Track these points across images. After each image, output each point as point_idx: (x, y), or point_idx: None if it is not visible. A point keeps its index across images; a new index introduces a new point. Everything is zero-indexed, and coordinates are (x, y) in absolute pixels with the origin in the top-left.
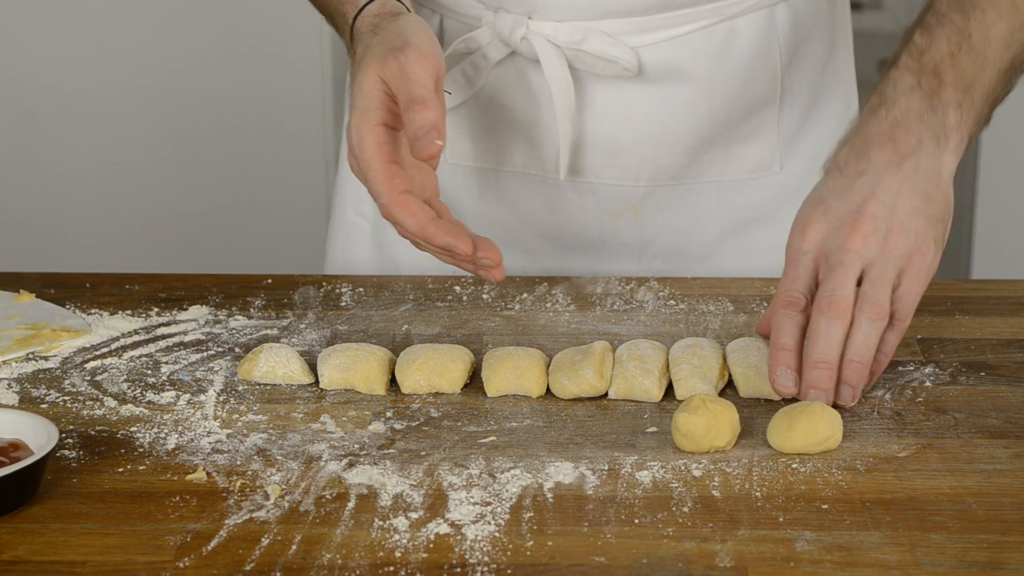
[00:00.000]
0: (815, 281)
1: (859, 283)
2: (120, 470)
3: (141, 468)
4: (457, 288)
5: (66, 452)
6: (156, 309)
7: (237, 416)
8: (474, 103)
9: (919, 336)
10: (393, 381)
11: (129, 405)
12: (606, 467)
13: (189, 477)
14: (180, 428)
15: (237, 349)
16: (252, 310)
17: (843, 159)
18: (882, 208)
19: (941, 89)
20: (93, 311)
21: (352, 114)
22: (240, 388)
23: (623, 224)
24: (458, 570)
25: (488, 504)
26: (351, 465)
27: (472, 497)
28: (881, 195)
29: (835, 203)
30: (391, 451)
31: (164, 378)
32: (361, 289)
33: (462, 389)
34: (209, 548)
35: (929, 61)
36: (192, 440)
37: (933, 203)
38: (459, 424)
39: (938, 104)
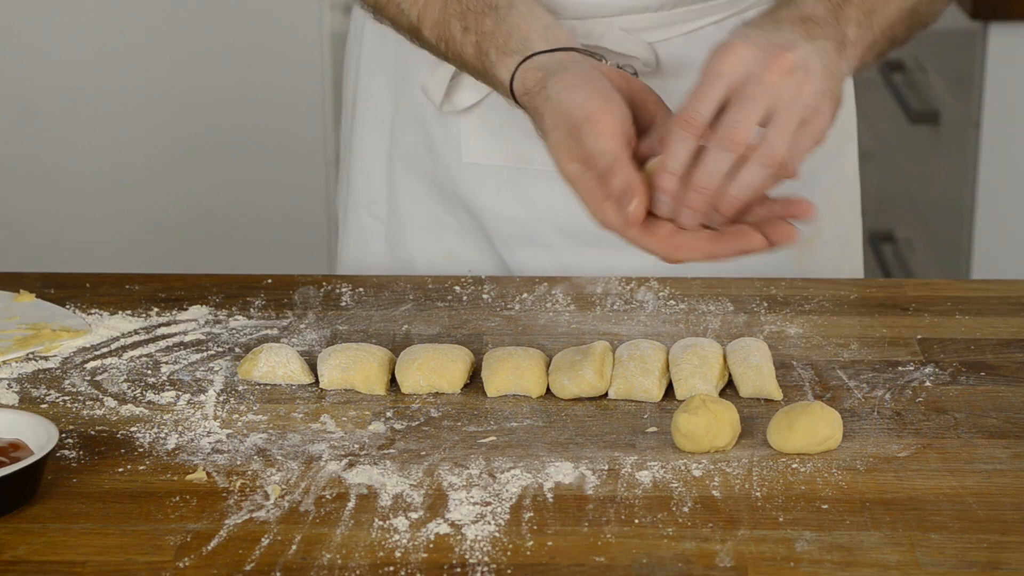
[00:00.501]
0: (720, 108)
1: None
2: (120, 470)
3: (141, 468)
4: (457, 288)
5: (66, 452)
6: (156, 309)
7: (237, 416)
8: (491, 102)
9: (919, 336)
10: (393, 381)
11: (129, 405)
12: (606, 467)
13: (189, 477)
14: (180, 428)
15: (237, 349)
16: (252, 310)
17: (755, 27)
18: (801, 57)
19: (846, 5)
20: (93, 311)
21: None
22: (240, 388)
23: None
24: (458, 570)
25: (488, 504)
26: (351, 465)
27: (472, 497)
28: (799, 50)
29: (760, 39)
30: (391, 451)
31: (164, 378)
32: (361, 289)
33: (462, 389)
34: (209, 548)
35: None
36: (192, 440)
37: (836, 82)
38: (459, 424)
39: (841, 17)
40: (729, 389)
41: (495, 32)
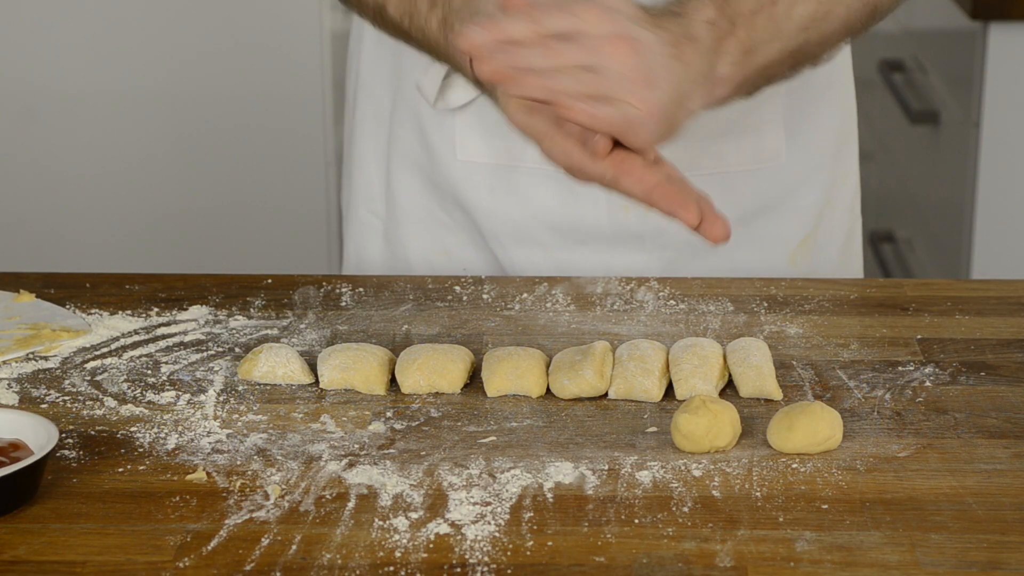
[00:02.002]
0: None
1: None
2: (120, 470)
3: (141, 468)
4: (457, 288)
5: (66, 452)
6: (156, 309)
7: (237, 416)
8: (484, 101)
9: (919, 336)
10: (393, 381)
11: (129, 405)
12: (606, 467)
13: (189, 477)
14: (180, 428)
15: (237, 349)
16: (252, 310)
17: (640, 12)
18: (648, 58)
19: (728, 39)
20: (93, 311)
21: None
22: (240, 388)
23: (634, 216)
24: (458, 570)
25: (488, 504)
26: (351, 465)
27: (472, 497)
28: (661, 70)
29: (626, 23)
30: (391, 451)
31: (164, 378)
32: (361, 289)
33: (462, 389)
34: (209, 548)
35: (732, 7)
36: (192, 440)
37: (679, 111)
38: (459, 424)
39: (719, 50)
40: (729, 389)
41: (463, 8)
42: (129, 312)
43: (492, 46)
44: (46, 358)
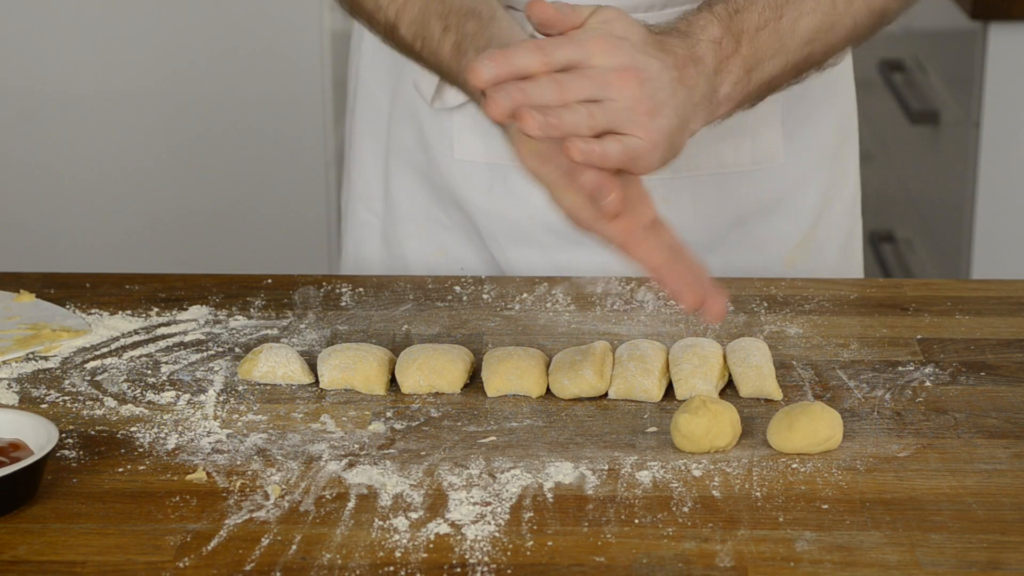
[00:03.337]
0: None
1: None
2: (120, 470)
3: (141, 468)
4: (457, 288)
5: (66, 452)
6: (156, 309)
7: (237, 416)
8: None
9: (919, 336)
10: (393, 381)
11: (129, 405)
12: (606, 467)
13: (189, 477)
14: (180, 428)
15: (237, 349)
16: (252, 310)
17: (648, 36)
18: (659, 98)
19: (733, 56)
20: (93, 311)
21: None
22: (240, 388)
23: None
24: (458, 570)
25: (488, 504)
26: (351, 465)
27: (472, 497)
28: (662, 95)
29: (633, 52)
30: (391, 451)
31: (164, 378)
32: (361, 289)
33: (462, 389)
34: (209, 548)
35: (738, 24)
36: (192, 440)
37: (678, 135)
38: (459, 424)
39: (722, 70)
40: (729, 389)
41: (477, 35)
42: (129, 312)
43: (502, 83)
44: (46, 358)
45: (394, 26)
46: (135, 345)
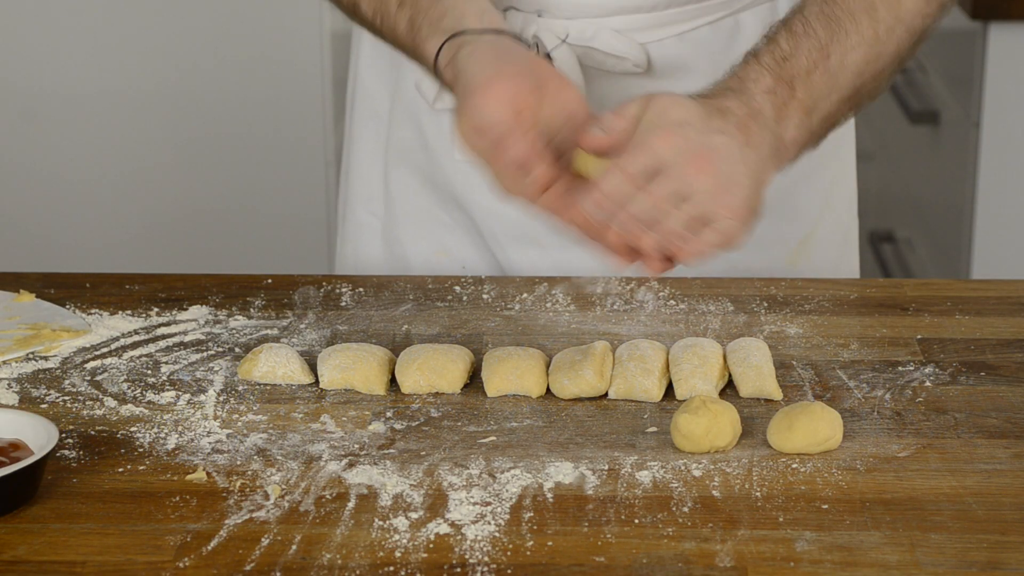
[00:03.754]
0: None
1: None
2: (120, 470)
3: (141, 468)
4: (457, 288)
5: (66, 452)
6: (156, 309)
7: (237, 416)
8: None
9: (919, 336)
10: (393, 381)
11: (129, 405)
12: (606, 467)
13: (189, 477)
14: (180, 428)
15: (237, 349)
16: (252, 310)
17: (701, 111)
18: (726, 169)
19: (791, 102)
20: (93, 311)
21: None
22: (240, 388)
23: None
24: (458, 570)
25: (488, 504)
26: (351, 465)
27: (472, 497)
28: (729, 161)
29: (694, 136)
30: (391, 451)
31: (164, 378)
32: (361, 289)
33: (462, 389)
34: (209, 548)
35: (788, 70)
36: (192, 440)
37: (756, 191)
38: (459, 424)
39: (783, 116)
40: (729, 389)
41: (430, 9)
42: (129, 312)
43: (603, 213)
44: (46, 358)
45: (355, 3)
46: (135, 345)
